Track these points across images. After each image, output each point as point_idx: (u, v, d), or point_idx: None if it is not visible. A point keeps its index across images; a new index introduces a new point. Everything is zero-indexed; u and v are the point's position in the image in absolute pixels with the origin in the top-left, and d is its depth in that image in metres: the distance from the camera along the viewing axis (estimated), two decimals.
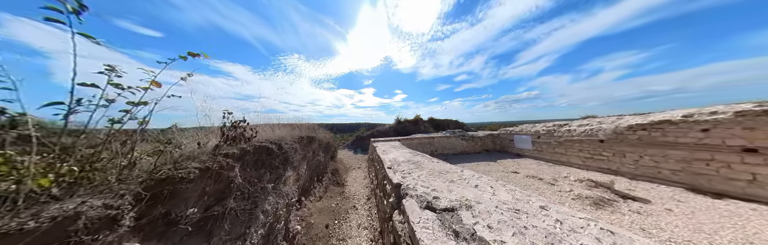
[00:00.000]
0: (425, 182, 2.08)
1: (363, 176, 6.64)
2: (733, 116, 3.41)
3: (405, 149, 4.92)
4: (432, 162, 3.04)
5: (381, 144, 6.26)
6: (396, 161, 3.25)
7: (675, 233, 2.43)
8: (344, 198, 4.59)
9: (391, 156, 3.76)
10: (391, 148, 5.20)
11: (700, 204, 3.21)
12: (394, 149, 4.96)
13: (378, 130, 13.09)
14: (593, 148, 5.33)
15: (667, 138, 4.13)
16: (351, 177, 6.58)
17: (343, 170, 7.46)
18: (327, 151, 6.53)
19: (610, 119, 5.40)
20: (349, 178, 6.49)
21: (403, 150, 4.55)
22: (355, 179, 6.29)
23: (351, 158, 10.50)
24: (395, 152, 4.33)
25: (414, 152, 4.27)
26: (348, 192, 5.01)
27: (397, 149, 4.76)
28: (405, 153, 4.02)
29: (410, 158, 3.45)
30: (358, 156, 11.03)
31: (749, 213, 2.86)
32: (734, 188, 3.46)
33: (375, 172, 4.49)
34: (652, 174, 4.37)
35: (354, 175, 6.94)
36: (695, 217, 2.74)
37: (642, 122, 4.49)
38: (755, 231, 2.39)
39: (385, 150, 4.70)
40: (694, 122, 3.80)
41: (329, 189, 5.07)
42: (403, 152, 4.17)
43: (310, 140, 4.34)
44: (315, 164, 4.71)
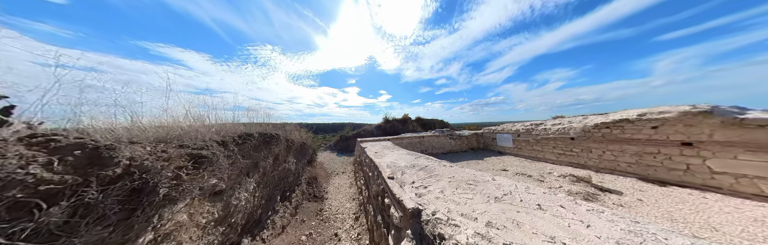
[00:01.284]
0: (460, 204, 1.33)
1: (348, 184, 5.84)
2: (678, 115, 3.99)
3: (401, 150, 4.35)
4: (444, 166, 2.42)
5: (370, 145, 5.68)
6: (397, 166, 2.62)
7: (659, 223, 2.71)
8: (322, 221, 3.61)
9: (389, 160, 3.13)
10: (383, 149, 4.61)
11: (656, 192, 3.70)
12: (387, 150, 4.38)
13: (365, 129, 12.67)
14: (565, 145, 5.87)
15: (625, 135, 4.70)
16: (333, 186, 5.76)
17: (324, 176, 6.62)
18: (301, 155, 5.67)
19: (577, 118, 5.99)
20: (331, 187, 5.68)
21: (399, 151, 4.02)
22: (339, 189, 5.45)
23: (334, 161, 9.61)
24: (391, 154, 3.76)
25: (412, 153, 3.79)
26: (328, 210, 4.12)
27: (392, 151, 4.21)
28: (404, 155, 3.46)
29: (413, 161, 2.86)
30: (343, 159, 10.14)
31: (691, 198, 3.38)
32: (673, 176, 4.10)
33: (365, 180, 3.81)
34: (612, 167, 4.97)
35: (337, 182, 6.10)
36: (661, 206, 3.12)
37: (605, 120, 5.05)
38: (708, 216, 2.78)
39: (378, 152, 4.11)
40: (647, 120, 4.37)
41: (302, 208, 4.04)
42: (400, 154, 3.63)
43: (268, 141, 3.13)
44: (280, 176, 3.62)
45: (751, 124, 3.34)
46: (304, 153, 6.11)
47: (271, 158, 3.26)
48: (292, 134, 5.02)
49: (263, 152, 2.97)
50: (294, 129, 5.70)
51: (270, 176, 3.24)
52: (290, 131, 5.01)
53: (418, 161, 2.84)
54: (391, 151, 4.18)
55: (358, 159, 6.07)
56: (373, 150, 4.42)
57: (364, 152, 4.45)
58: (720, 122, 3.59)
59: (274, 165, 3.41)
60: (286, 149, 4.06)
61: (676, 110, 4.07)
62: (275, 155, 3.48)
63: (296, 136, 5.30)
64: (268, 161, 3.14)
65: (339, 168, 8.02)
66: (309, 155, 7.13)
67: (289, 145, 4.26)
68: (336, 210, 4.15)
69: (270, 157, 3.23)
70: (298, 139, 5.28)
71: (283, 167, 3.85)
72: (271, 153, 3.26)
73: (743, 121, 3.38)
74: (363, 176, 4.25)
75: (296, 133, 5.71)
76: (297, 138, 5.23)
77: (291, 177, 4.31)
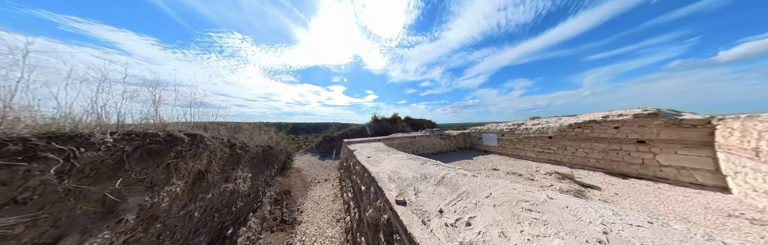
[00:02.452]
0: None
1: (332, 196, 4.80)
2: (632, 117, 4.66)
3: (398, 152, 3.73)
4: (465, 176, 1.84)
5: (360, 146, 4.90)
6: (403, 178, 1.91)
7: None
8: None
9: (388, 168, 2.42)
10: (376, 152, 3.87)
11: (623, 185, 4.17)
12: (381, 153, 3.67)
13: (352, 129, 12.07)
14: (544, 143, 6.41)
15: (594, 134, 5.32)
16: (312, 200, 4.67)
17: (301, 187, 5.52)
18: (266, 164, 4.54)
19: (553, 119, 6.64)
20: (309, 202, 4.55)
21: (397, 155, 3.40)
22: (319, 204, 4.38)
23: (315, 166, 8.48)
24: (389, 158, 3.02)
25: (414, 156, 3.15)
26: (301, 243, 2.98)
27: (387, 154, 3.54)
28: (405, 160, 2.80)
29: (421, 169, 2.23)
30: (326, 163, 8.94)
31: (650, 190, 3.88)
32: (632, 170, 4.72)
33: (355, 193, 3.09)
34: (583, 163, 5.55)
35: (318, 194, 5.02)
36: (635, 199, 3.48)
37: (577, 121, 5.67)
38: (672, 207, 3.17)
39: (371, 156, 3.34)
40: (610, 121, 5.01)
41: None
42: (400, 158, 2.98)
43: (159, 150, 1.74)
44: (214, 205, 2.43)
45: (686, 124, 4.05)
46: (271, 161, 5.04)
47: (179, 180, 1.84)
48: (253, 136, 4.09)
49: (150, 172, 1.62)
50: (255, 129, 4.58)
51: (175, 216, 1.82)
52: (248, 131, 4.02)
53: (428, 169, 2.18)
54: (387, 154, 3.48)
55: (344, 164, 5.26)
56: (364, 154, 3.69)
57: (353, 157, 3.67)
58: (664, 122, 4.29)
59: (191, 192, 2.03)
60: (228, 159, 2.70)
61: (630, 112, 4.76)
62: (196, 173, 2.08)
63: (258, 139, 4.28)
64: (169, 188, 1.75)
65: (321, 175, 7.00)
66: (280, 163, 6.08)
67: (237, 153, 2.99)
68: (312, 241, 3.02)
69: (176, 178, 1.82)
70: (260, 143, 4.21)
71: (221, 190, 2.50)
72: (176, 172, 1.83)
73: (682, 121, 4.09)
74: (351, 187, 3.49)
75: (259, 135, 4.68)
76: (259, 142, 4.22)
77: (242, 202, 3.06)
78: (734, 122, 3.12)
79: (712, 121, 3.77)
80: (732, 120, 3.20)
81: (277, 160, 6.02)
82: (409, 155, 3.36)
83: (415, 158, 3.01)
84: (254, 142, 3.98)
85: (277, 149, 5.88)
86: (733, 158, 3.21)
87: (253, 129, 4.55)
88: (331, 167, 8.32)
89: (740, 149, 2.96)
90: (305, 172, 7.49)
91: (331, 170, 7.67)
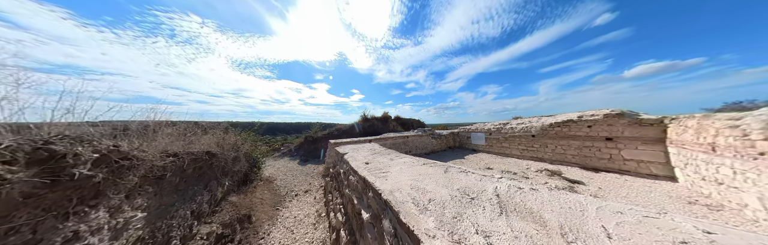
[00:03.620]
0: None
1: (314, 218, 3.71)
2: (603, 117, 5.22)
3: (403, 155, 2.95)
4: (527, 192, 1.32)
5: (352, 149, 4.10)
6: (436, 201, 1.27)
7: None
8: None
9: (404, 181, 1.70)
10: (374, 155, 3.11)
11: (599, 178, 4.58)
12: (382, 157, 2.95)
13: (338, 129, 11.02)
14: (528, 141, 6.84)
15: (571, 132, 5.83)
16: (284, 227, 3.50)
17: (270, 205, 4.36)
18: (204, 183, 3.43)
19: (534, 118, 7.15)
20: (279, 230, 3.40)
21: (404, 158, 2.72)
22: (293, 232, 3.31)
23: (294, 172, 7.25)
24: (397, 165, 2.32)
25: (427, 160, 2.48)
26: None
27: (391, 158, 2.81)
28: (420, 167, 2.15)
29: (450, 181, 1.62)
30: (307, 169, 7.66)
31: (620, 181, 4.33)
32: (601, 164, 5.30)
33: (348, 217, 2.43)
34: (561, 159, 6.05)
35: (293, 215, 3.87)
36: (618, 193, 3.77)
37: (556, 120, 6.15)
38: (647, 198, 3.48)
39: (371, 162, 2.62)
40: (584, 120, 5.54)
41: None
42: (409, 164, 2.32)
43: None
44: None
45: (645, 123, 4.67)
46: (214, 177, 3.73)
47: None
48: (171, 141, 2.79)
49: None
50: (180, 131, 3.26)
51: None
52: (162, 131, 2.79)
53: (460, 180, 1.59)
54: (389, 159, 2.75)
55: (331, 170, 4.44)
56: (359, 158, 2.93)
57: (345, 162, 2.93)
58: (628, 121, 4.89)
59: None
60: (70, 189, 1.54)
61: (600, 113, 5.33)
62: None
63: (198, 144, 3.26)
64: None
65: (300, 185, 5.83)
66: (238, 175, 4.73)
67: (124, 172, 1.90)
68: None
69: None
70: (197, 149, 3.15)
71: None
72: None
73: (641, 121, 4.70)
74: (342, 205, 2.75)
75: (201, 138, 3.57)
76: (198, 148, 3.18)
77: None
78: (689, 121, 3.63)
79: (665, 120, 4.40)
80: (686, 119, 3.73)
81: (231, 172, 4.39)
82: (420, 158, 2.70)
83: (431, 163, 2.37)
84: (176, 148, 2.69)
85: (228, 156, 4.19)
86: (685, 152, 3.76)
87: (177, 131, 3.14)
88: (314, 173, 7.20)
89: (695, 145, 3.44)
90: (279, 182, 6.25)
91: (313, 178, 6.58)
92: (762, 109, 2.82)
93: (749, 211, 2.65)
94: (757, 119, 2.42)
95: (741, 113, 2.75)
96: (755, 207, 2.55)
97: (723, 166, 2.91)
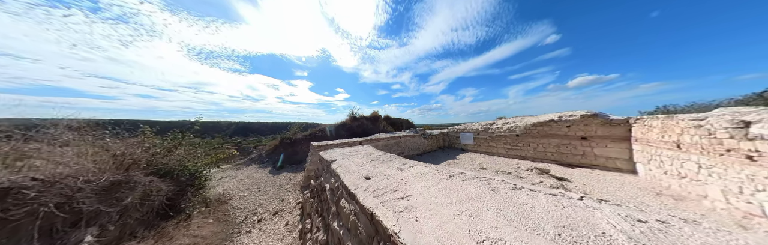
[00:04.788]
0: None
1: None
2: (580, 117, 5.68)
3: (415, 164, 2.25)
4: None
5: (340, 153, 3.27)
6: None
7: None
8: None
9: (445, 218, 1.07)
10: (373, 163, 2.41)
11: (577, 174, 4.91)
12: (384, 165, 2.28)
13: (322, 129, 9.90)
14: (512, 141, 7.16)
15: (551, 131, 6.24)
16: None
17: (212, 240, 2.96)
18: None
19: (517, 118, 7.54)
20: None
21: (417, 167, 2.11)
22: None
23: (263, 185, 5.65)
24: (412, 179, 1.74)
25: (453, 170, 1.88)
26: None
27: (399, 167, 2.17)
28: (445, 181, 1.61)
29: (519, 213, 1.05)
30: (281, 179, 6.08)
31: (594, 175, 4.71)
32: (575, 160, 5.77)
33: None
34: (542, 156, 6.46)
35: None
36: (601, 188, 4.00)
37: (538, 120, 6.54)
38: (624, 192, 3.75)
39: (374, 175, 1.92)
40: (564, 121, 5.97)
41: None
42: (428, 175, 1.78)
43: None
44: None
45: (614, 123, 5.19)
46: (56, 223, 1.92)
47: None
48: None
49: None
50: None
51: None
52: None
53: (535, 208, 1.09)
54: (397, 168, 2.10)
55: (313, 182, 3.44)
56: (353, 168, 2.23)
57: (333, 174, 2.26)
58: (600, 121, 5.40)
59: None
60: None
61: (578, 113, 5.80)
62: None
63: None
64: None
65: (268, 202, 4.43)
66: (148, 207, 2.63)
67: None
68: None
69: None
70: None
71: None
72: None
73: (612, 121, 5.23)
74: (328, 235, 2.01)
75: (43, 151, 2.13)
76: None
77: None
78: (653, 121, 4.08)
79: (630, 121, 4.95)
80: (650, 120, 4.19)
81: (119, 205, 2.31)
82: (438, 167, 2.07)
83: (458, 173, 1.74)
84: None
85: (101, 181, 2.29)
86: (649, 149, 4.23)
87: None
88: (290, 184, 5.59)
89: (660, 142, 3.86)
90: (237, 202, 4.53)
91: (288, 191, 5.05)
92: (717, 110, 3.23)
93: (708, 201, 2.99)
94: (720, 119, 2.70)
95: (703, 113, 3.10)
96: (715, 197, 2.87)
97: (688, 161, 3.26)
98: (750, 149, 2.32)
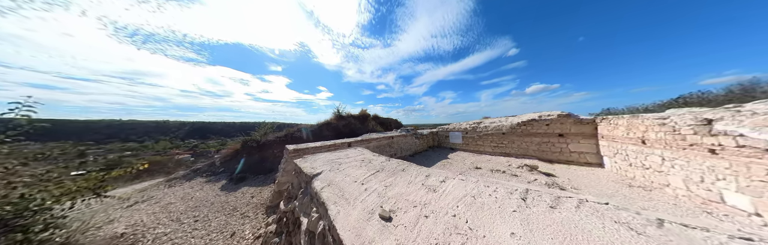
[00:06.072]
0: None
1: None
2: (557, 117, 6.22)
3: (456, 179, 1.58)
4: None
5: (325, 162, 2.51)
6: None
7: (615, 200, 3.50)
8: None
9: None
10: (381, 178, 1.74)
11: (558, 169, 5.30)
12: (399, 181, 1.66)
13: (301, 129, 8.50)
14: (498, 139, 7.51)
15: (533, 130, 6.72)
16: None
17: None
18: None
19: (502, 118, 7.98)
20: None
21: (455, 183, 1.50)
22: None
23: (202, 211, 4.14)
24: (503, 220, 1.02)
25: (511, 185, 1.40)
26: None
27: (431, 187, 1.47)
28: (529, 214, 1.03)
29: None
30: (238, 196, 4.74)
31: (571, 170, 5.15)
32: (554, 156, 6.31)
33: None
34: (524, 153, 6.91)
35: None
36: (586, 183, 4.29)
37: (522, 120, 6.98)
38: (602, 186, 4.09)
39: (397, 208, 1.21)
40: (544, 120, 6.47)
41: None
42: (499, 199, 1.21)
43: None
44: None
45: (584, 122, 5.81)
46: None
47: None
48: None
49: None
50: None
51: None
52: None
53: None
54: (426, 188, 1.46)
55: (284, 207, 2.62)
56: (352, 192, 1.50)
57: (318, 203, 1.50)
58: (573, 120, 5.99)
59: None
60: None
61: (555, 113, 6.36)
62: None
63: None
64: None
65: (210, 243, 3.04)
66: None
67: None
68: None
69: None
70: None
71: None
72: None
73: (582, 120, 5.84)
74: None
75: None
76: None
77: None
78: (619, 120, 4.63)
79: (597, 120, 5.60)
80: (616, 119, 4.75)
81: None
82: (504, 183, 1.47)
83: (573, 203, 1.11)
84: None
85: None
86: (615, 145, 4.79)
87: None
88: (250, 206, 4.14)
89: (626, 139, 4.38)
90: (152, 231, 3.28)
91: (246, 219, 3.58)
92: (670, 110, 3.75)
93: (670, 189, 3.43)
94: (684, 118, 3.10)
95: (665, 113, 3.55)
96: (677, 186, 3.29)
97: (652, 155, 3.71)
98: (713, 143, 2.66)
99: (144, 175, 8.86)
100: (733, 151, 2.44)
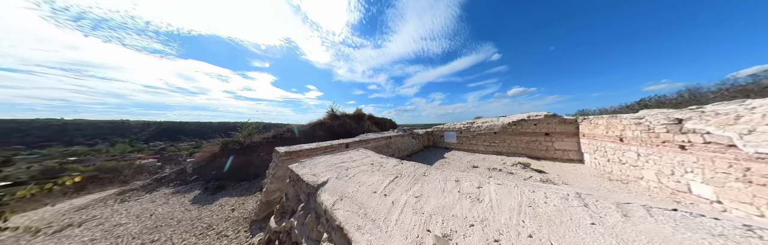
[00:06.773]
0: None
1: None
2: (544, 117, 6.65)
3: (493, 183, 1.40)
4: None
5: (328, 167, 2.23)
6: None
7: (601, 193, 3.77)
8: None
9: None
10: (403, 185, 1.51)
11: (547, 165, 5.66)
12: (429, 190, 1.38)
13: (291, 129, 7.92)
14: (490, 138, 7.84)
15: (522, 129, 7.11)
16: None
17: None
18: None
19: (494, 118, 8.34)
20: None
21: (510, 190, 1.30)
22: None
23: (164, 232, 3.20)
24: None
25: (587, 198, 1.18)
26: None
27: (488, 203, 1.14)
28: None
29: None
30: (213, 210, 3.97)
31: (558, 166, 5.54)
32: (540, 154, 6.75)
33: None
34: (514, 151, 7.30)
35: None
36: (573, 178, 4.60)
37: (512, 120, 7.36)
38: (584, 180, 4.43)
39: (451, 228, 0.90)
40: (532, 120, 6.89)
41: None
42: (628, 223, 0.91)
43: None
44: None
45: (568, 121, 6.30)
46: None
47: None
48: None
49: None
50: None
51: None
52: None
53: None
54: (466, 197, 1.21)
55: (275, 225, 2.18)
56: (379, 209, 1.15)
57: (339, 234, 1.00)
58: (558, 120, 6.47)
59: None
60: None
61: (542, 113, 6.80)
62: None
63: None
64: None
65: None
66: None
67: None
68: None
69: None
70: None
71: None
72: None
73: (566, 120, 6.32)
74: None
75: None
76: None
77: None
78: (599, 120, 5.08)
79: (578, 119, 6.10)
80: (596, 119, 5.21)
81: None
82: (556, 187, 1.38)
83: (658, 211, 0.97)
84: None
85: None
86: (595, 142, 5.25)
87: None
88: (230, 222, 3.43)
89: (605, 137, 4.82)
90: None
91: (222, 240, 2.92)
92: (643, 111, 4.19)
93: (644, 182, 3.83)
94: (657, 118, 3.47)
95: (640, 113, 3.96)
96: (650, 178, 3.68)
97: (629, 151, 4.11)
98: (683, 140, 3.00)
99: (90, 186, 6.85)
100: (701, 147, 2.77)
